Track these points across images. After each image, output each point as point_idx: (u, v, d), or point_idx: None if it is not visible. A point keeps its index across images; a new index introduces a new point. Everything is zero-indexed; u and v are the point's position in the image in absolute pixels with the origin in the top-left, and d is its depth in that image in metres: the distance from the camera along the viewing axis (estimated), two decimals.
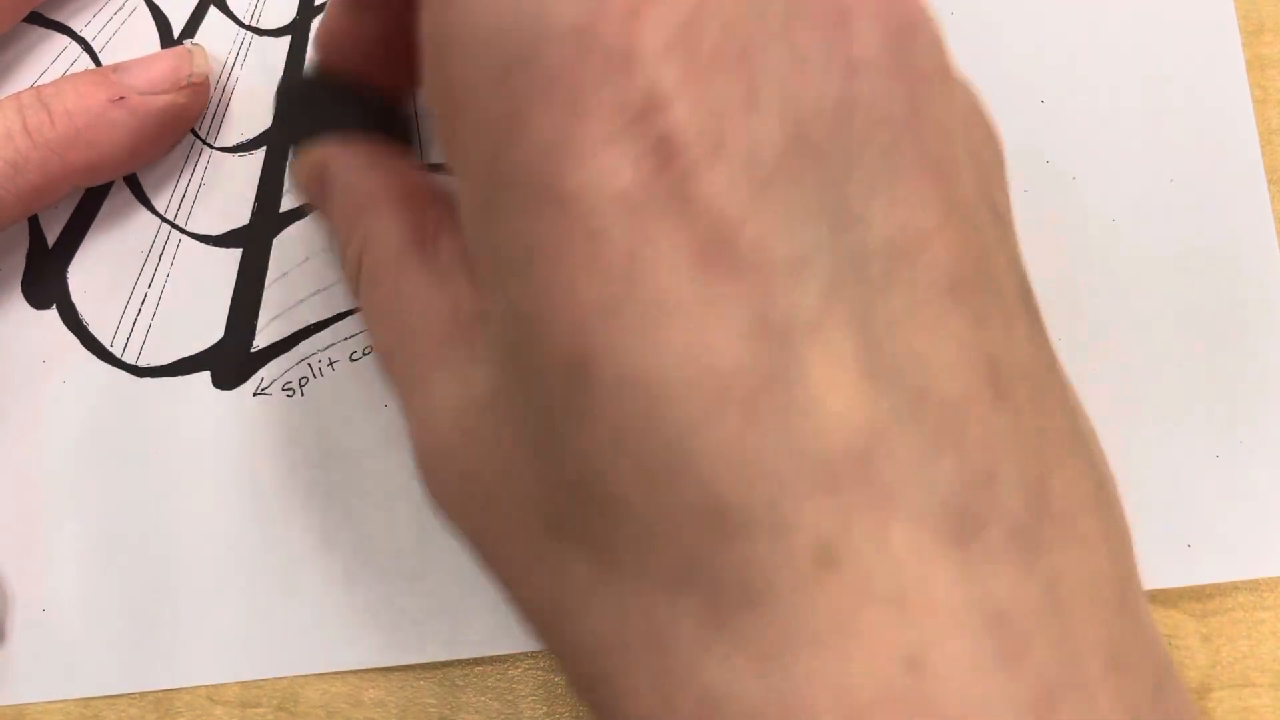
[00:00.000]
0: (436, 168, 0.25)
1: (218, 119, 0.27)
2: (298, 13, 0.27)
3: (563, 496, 0.16)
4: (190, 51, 0.26)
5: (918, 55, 0.15)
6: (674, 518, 0.14)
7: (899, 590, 0.14)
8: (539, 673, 0.25)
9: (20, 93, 0.26)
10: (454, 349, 0.18)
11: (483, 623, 0.25)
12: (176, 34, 0.28)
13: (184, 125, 0.27)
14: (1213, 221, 0.26)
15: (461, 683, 0.26)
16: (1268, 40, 0.26)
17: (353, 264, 0.20)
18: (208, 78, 0.27)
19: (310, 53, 0.23)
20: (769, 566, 0.14)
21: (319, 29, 0.22)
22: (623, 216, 0.14)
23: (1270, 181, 0.26)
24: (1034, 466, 0.15)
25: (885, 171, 0.15)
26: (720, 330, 0.14)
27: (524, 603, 0.17)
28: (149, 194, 0.27)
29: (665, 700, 0.15)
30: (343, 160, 0.21)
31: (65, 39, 0.28)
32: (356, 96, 0.22)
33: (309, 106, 0.23)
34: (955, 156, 0.15)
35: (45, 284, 0.27)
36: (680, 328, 0.14)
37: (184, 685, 0.26)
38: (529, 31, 0.14)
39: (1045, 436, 0.15)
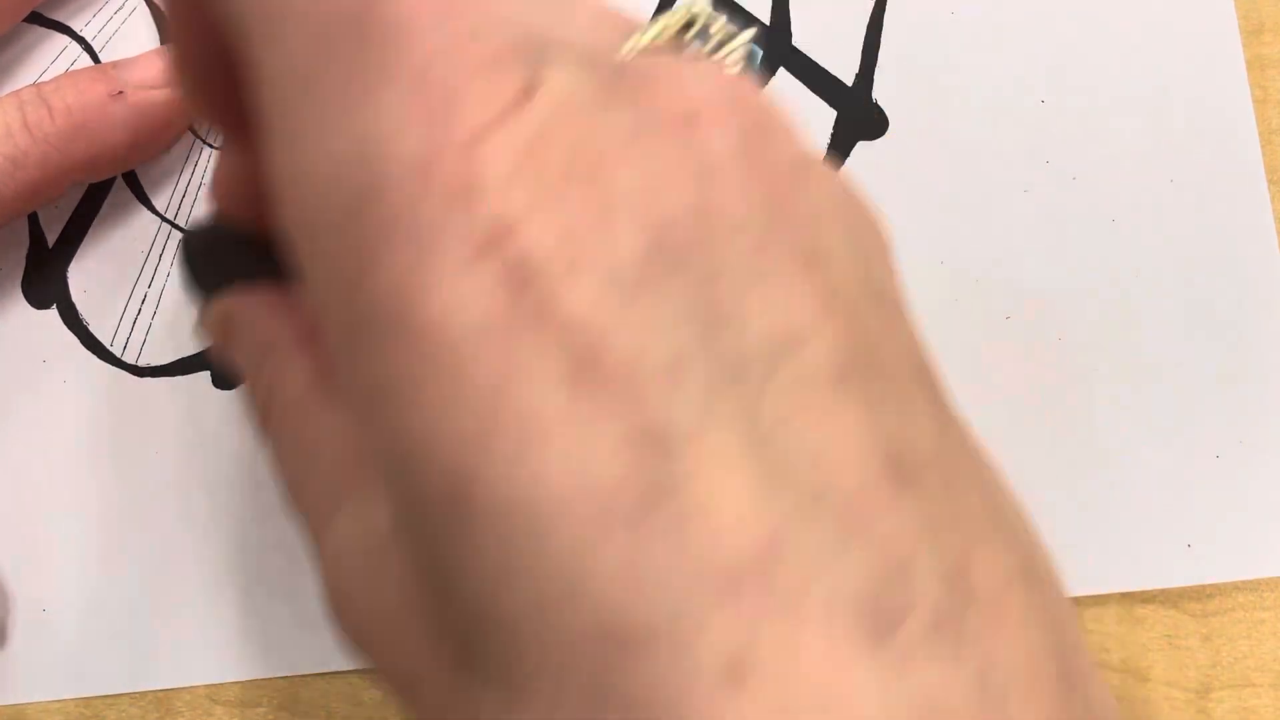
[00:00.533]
0: None
1: None
2: None
3: (464, 630, 0.15)
4: None
5: (773, 152, 0.15)
6: (575, 642, 0.14)
7: (817, 699, 0.13)
8: None
9: (20, 90, 0.26)
10: (356, 485, 0.18)
11: None
12: None
13: (184, 120, 0.27)
14: (1213, 221, 0.26)
15: None
16: (1268, 40, 0.26)
17: (260, 409, 0.20)
18: None
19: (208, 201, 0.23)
20: (678, 685, 0.13)
21: (212, 175, 0.22)
22: (483, 345, 0.14)
23: (1270, 181, 0.26)
24: (951, 551, 0.14)
25: (753, 271, 0.14)
26: (597, 446, 0.14)
27: None
28: (149, 193, 0.27)
29: None
30: (244, 309, 0.21)
31: (65, 39, 0.28)
32: (253, 241, 0.22)
33: (210, 257, 0.23)
34: (827, 246, 0.15)
35: (45, 284, 0.27)
36: (556, 448, 0.14)
37: (184, 685, 0.26)
38: (370, 169, 0.14)
39: (960, 519, 0.15)
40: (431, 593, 0.16)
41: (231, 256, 0.23)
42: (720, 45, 0.18)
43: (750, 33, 0.18)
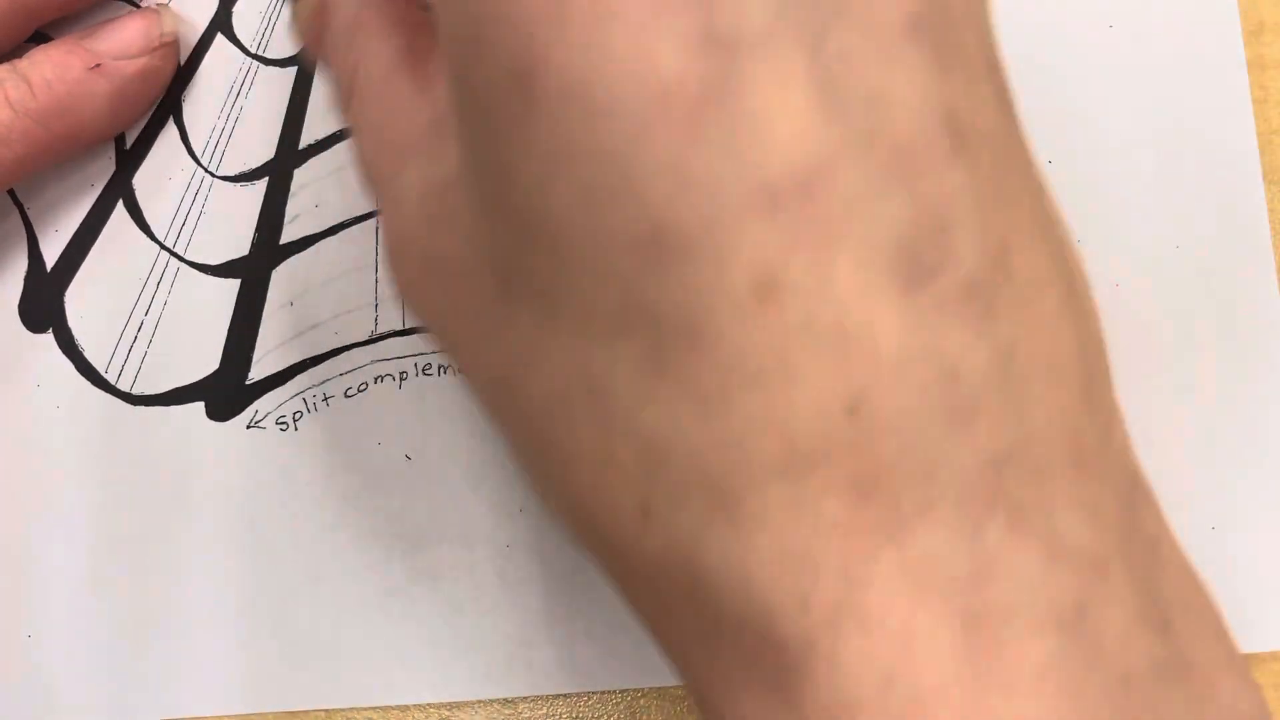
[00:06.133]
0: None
1: (220, 148, 0.27)
2: None
3: (509, 242, 0.15)
4: (158, 12, 0.27)
5: None
6: (612, 246, 0.14)
7: (841, 329, 0.14)
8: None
9: None
10: (428, 141, 0.18)
11: (473, 663, 0.25)
12: (182, 61, 0.27)
13: (159, 87, 0.27)
14: (1211, 223, 0.25)
15: None
16: (1268, 40, 0.26)
17: (345, 85, 0.20)
18: (177, 37, 0.27)
19: None
20: (706, 296, 0.14)
21: None
22: None
23: (1269, 182, 0.25)
24: (994, 230, 0.14)
25: None
26: (665, 39, 0.13)
27: (475, 376, 0.17)
28: (149, 221, 0.27)
29: (607, 453, 0.15)
30: None
31: None
32: None
33: None
34: None
35: (42, 307, 0.27)
36: (624, 34, 0.14)
37: (168, 717, 0.26)
38: None
39: (1009, 205, 0.15)
40: (484, 207, 0.16)
41: None
42: None
43: None
